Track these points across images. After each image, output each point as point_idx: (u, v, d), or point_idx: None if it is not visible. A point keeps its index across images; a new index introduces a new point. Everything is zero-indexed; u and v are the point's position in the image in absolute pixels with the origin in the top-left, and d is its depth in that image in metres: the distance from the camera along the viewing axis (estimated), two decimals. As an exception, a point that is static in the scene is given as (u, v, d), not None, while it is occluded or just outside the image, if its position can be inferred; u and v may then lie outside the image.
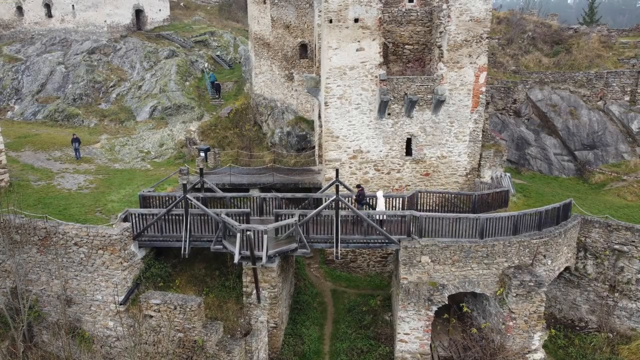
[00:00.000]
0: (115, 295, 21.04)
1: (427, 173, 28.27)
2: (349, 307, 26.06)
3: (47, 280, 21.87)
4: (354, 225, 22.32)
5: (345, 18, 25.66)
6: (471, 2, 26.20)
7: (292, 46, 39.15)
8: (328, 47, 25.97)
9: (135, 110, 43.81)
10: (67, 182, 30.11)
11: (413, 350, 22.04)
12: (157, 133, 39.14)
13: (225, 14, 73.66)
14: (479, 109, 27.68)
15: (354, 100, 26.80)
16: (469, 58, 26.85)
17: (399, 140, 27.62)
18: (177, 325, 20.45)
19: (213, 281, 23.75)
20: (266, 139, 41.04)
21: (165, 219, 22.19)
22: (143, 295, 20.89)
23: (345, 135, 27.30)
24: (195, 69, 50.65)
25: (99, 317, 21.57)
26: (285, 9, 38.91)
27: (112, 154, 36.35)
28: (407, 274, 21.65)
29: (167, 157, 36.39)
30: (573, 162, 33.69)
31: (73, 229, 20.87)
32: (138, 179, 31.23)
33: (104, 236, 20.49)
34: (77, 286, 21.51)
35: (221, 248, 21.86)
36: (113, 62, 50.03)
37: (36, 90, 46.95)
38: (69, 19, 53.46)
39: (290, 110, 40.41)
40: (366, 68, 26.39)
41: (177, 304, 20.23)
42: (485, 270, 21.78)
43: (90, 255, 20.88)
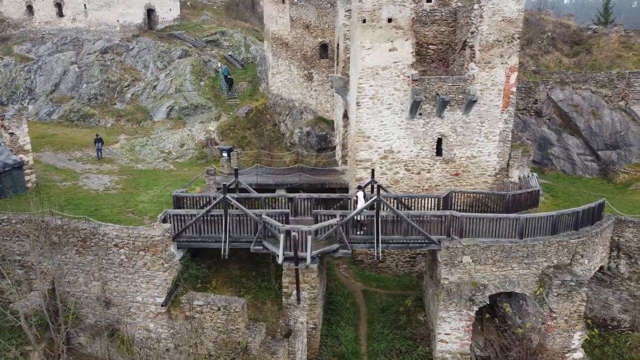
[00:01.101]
0: (156, 296, 20.89)
1: (457, 173, 28.27)
2: (382, 308, 26.02)
3: (86, 281, 21.71)
4: (393, 225, 22.27)
5: (378, 18, 25.61)
6: (503, 2, 26.21)
7: (312, 46, 39.08)
8: (361, 47, 25.91)
9: (152, 110, 43.61)
10: (93, 182, 29.92)
11: (453, 351, 22.04)
12: (176, 133, 38.96)
13: (233, 14, 73.46)
14: (509, 109, 27.71)
15: (385, 100, 26.77)
16: (500, 58, 26.87)
17: (429, 140, 27.61)
18: (220, 327, 20.37)
19: (249, 282, 23.66)
20: (285, 139, 40.96)
21: (204, 219, 22.06)
22: (185, 297, 20.82)
23: (376, 136, 27.26)
24: (209, 68, 50.48)
25: (139, 319, 21.42)
26: (305, 8, 38.83)
27: (132, 154, 36.15)
28: (448, 274, 21.63)
29: (189, 157, 36.25)
30: (596, 162, 33.81)
31: (114, 230, 20.72)
32: (163, 179, 31.08)
33: (146, 237, 20.35)
34: (116, 288, 21.36)
35: (261, 249, 21.77)
36: (126, 62, 49.79)
37: (50, 90, 46.70)
38: (80, 19, 53.14)
39: (309, 110, 40.34)
40: (398, 68, 26.36)
41: (221, 305, 20.17)
42: (526, 270, 21.80)
43: (131, 257, 20.74)
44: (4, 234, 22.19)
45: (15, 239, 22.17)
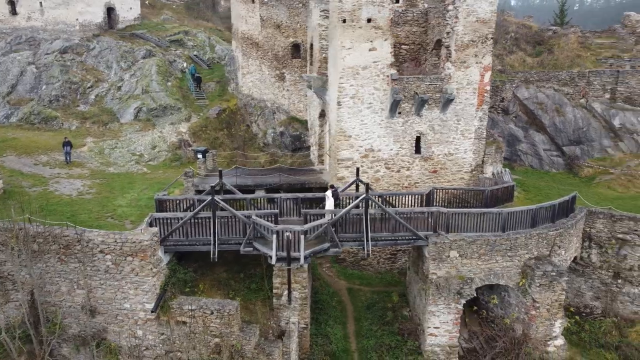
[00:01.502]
0: (145, 302, 20.36)
1: (435, 170, 28.92)
2: (368, 305, 26.33)
3: (69, 290, 20.89)
4: (381, 222, 22.57)
5: (358, 18, 25.88)
6: (477, 3, 27.03)
7: (284, 46, 38.99)
8: (341, 46, 26.11)
9: (118, 111, 42.36)
10: (65, 187, 28.83)
11: (442, 343, 22.57)
12: (146, 135, 38.02)
13: (194, 13, 72.28)
14: (483, 107, 28.60)
15: (366, 100, 27.08)
16: (475, 58, 27.68)
17: (408, 138, 28.12)
18: (213, 331, 20.08)
19: (238, 284, 23.41)
20: (258, 139, 40.70)
21: (191, 222, 21.69)
22: (176, 302, 20.42)
23: (357, 135, 27.53)
24: (174, 69, 49.49)
25: (126, 327, 20.81)
26: (276, 8, 38.69)
27: (102, 157, 35.02)
28: (436, 269, 22.13)
29: (162, 159, 35.47)
30: (561, 157, 35.33)
31: (99, 236, 20.05)
32: (138, 182, 30.31)
33: (134, 242, 19.79)
34: (102, 295, 20.67)
35: (251, 250, 21.61)
36: (87, 62, 48.12)
37: (6, 92, 44.54)
38: (36, 17, 50.95)
39: (282, 110, 40.23)
40: (378, 68, 26.71)
41: (214, 309, 19.90)
42: (509, 262, 22.59)
43: (119, 263, 20.12)
44: (-22, 243, 21.05)
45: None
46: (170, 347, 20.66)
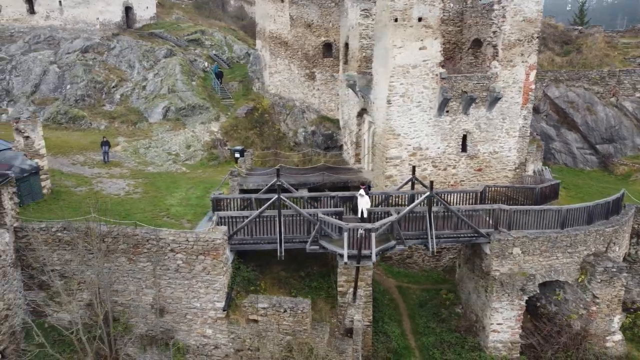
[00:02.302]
0: (216, 301, 20.33)
1: (480, 168, 29.15)
2: (420, 303, 26.46)
3: (137, 289, 20.80)
4: (443, 220, 22.72)
5: (409, 17, 26.01)
6: (524, 3, 27.28)
7: (315, 45, 39.05)
8: (392, 45, 26.23)
9: (145, 111, 42.12)
10: (110, 187, 28.65)
11: (505, 340, 22.76)
12: (179, 135, 37.86)
13: (205, 13, 72.01)
14: (528, 105, 28.87)
15: (415, 98, 27.22)
16: (521, 57, 27.94)
17: (455, 137, 28.32)
18: (285, 329, 20.11)
19: (298, 282, 23.42)
20: (287, 138, 40.68)
21: (256, 221, 21.68)
22: (248, 300, 20.44)
23: (406, 133, 27.66)
24: (196, 68, 49.32)
25: (196, 326, 20.75)
26: (306, 7, 38.75)
27: (138, 156, 34.84)
28: (499, 266, 22.32)
29: (198, 158, 35.36)
30: (595, 155, 35.76)
31: (170, 235, 19.99)
32: (182, 182, 30.19)
33: (206, 241, 19.75)
34: (171, 294, 20.60)
35: (317, 248, 21.65)
36: (109, 62, 47.80)
37: (30, 92, 44.12)
38: (55, 16, 50.50)
39: (312, 110, 40.28)
40: (428, 66, 26.88)
41: (287, 307, 19.94)
42: (568, 258, 22.84)
43: (189, 262, 20.07)
44: (43, 242, 20.88)
45: (55, 248, 20.93)
46: (240, 345, 20.64)
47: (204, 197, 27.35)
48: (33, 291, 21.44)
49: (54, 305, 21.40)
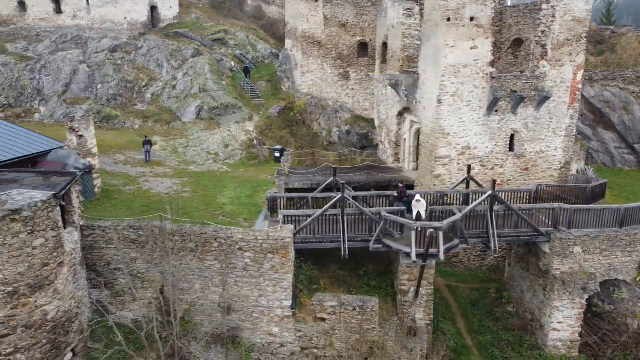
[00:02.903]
0: (283, 300, 20.38)
1: (527, 168, 29.22)
2: (471, 302, 26.53)
3: (202, 288, 20.85)
4: (503, 219, 22.78)
5: (462, 17, 26.08)
6: (574, 2, 27.36)
7: (349, 45, 39.11)
8: (444, 45, 26.30)
9: (178, 110, 42.15)
10: (157, 186, 28.67)
11: (564, 338, 22.83)
12: (215, 134, 37.90)
13: (224, 12, 72.05)
14: (575, 105, 28.93)
15: (465, 98, 27.30)
16: (569, 56, 28.02)
17: (503, 136, 28.40)
18: (354, 327, 20.18)
19: (357, 281, 23.51)
20: (321, 138, 40.72)
21: (319, 220, 21.75)
22: (315, 298, 20.52)
23: (455, 132, 27.73)
24: (223, 67, 49.34)
25: (262, 324, 20.80)
26: (341, 7, 38.80)
27: (178, 156, 34.88)
28: (560, 264, 22.38)
29: (238, 158, 35.41)
30: (633, 155, 35.79)
31: (239, 234, 20.04)
32: (227, 181, 30.22)
33: (276, 239, 19.80)
34: (237, 293, 20.64)
35: (381, 247, 21.73)
36: (137, 61, 47.79)
37: (62, 91, 44.13)
38: (82, 15, 50.57)
39: (346, 109, 40.34)
40: (478, 66, 26.94)
41: (356, 305, 20.01)
42: (627, 257, 22.92)
43: (258, 260, 20.11)
44: (109, 241, 20.95)
45: (121, 247, 20.98)
46: (306, 344, 20.69)
47: (253, 196, 27.40)
48: (97, 290, 21.49)
49: (118, 304, 21.51)
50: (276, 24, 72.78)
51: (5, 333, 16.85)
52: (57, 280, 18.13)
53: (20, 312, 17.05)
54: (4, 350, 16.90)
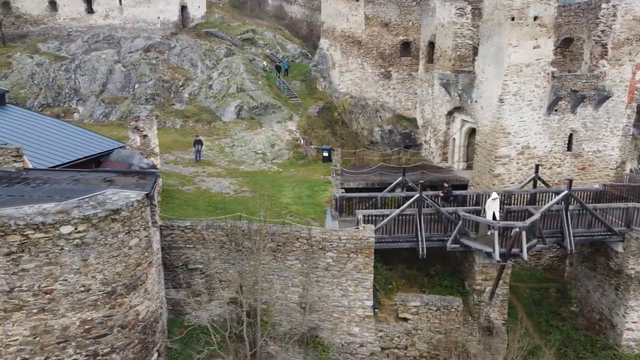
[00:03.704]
0: (365, 300, 20.33)
1: (584, 167, 29.20)
2: (533, 301, 26.50)
3: (282, 288, 20.81)
4: (577, 218, 22.74)
5: (526, 16, 26.05)
6: (635, 1, 27.31)
7: (392, 44, 39.09)
8: (508, 44, 26.28)
9: (217, 110, 42.11)
10: (214, 186, 28.60)
11: (639, 338, 22.77)
12: (259, 133, 37.85)
13: (246, 12, 72.10)
14: (632, 104, 28.89)
15: (526, 97, 27.29)
16: (629, 56, 28.01)
17: (562, 135, 28.40)
18: (436, 327, 20.14)
19: (428, 281, 23.48)
20: (361, 137, 40.67)
21: (395, 219, 21.72)
22: (398, 298, 20.51)
23: (515, 132, 27.73)
24: (256, 67, 49.29)
25: (342, 324, 20.75)
26: (384, 6, 38.78)
27: (226, 155, 34.84)
28: (635, 264, 22.37)
29: (285, 157, 35.35)
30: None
31: (321, 233, 20.00)
32: (282, 180, 30.17)
33: (359, 239, 19.76)
34: (318, 293, 20.60)
35: (458, 247, 21.69)
36: (170, 61, 47.75)
37: (99, 91, 44.10)
38: (114, 15, 50.47)
39: (387, 109, 40.31)
40: (540, 65, 26.93)
41: (440, 305, 19.97)
42: (700, 257, 22.85)
43: (340, 260, 20.07)
44: (187, 241, 20.92)
45: (199, 247, 20.95)
46: (387, 344, 20.66)
47: (313, 196, 27.36)
48: (174, 289, 21.47)
49: (194, 304, 21.47)
50: (298, 24, 72.94)
51: (103, 333, 16.78)
52: (147, 280, 18.10)
53: (117, 312, 16.99)
54: (101, 350, 16.86)
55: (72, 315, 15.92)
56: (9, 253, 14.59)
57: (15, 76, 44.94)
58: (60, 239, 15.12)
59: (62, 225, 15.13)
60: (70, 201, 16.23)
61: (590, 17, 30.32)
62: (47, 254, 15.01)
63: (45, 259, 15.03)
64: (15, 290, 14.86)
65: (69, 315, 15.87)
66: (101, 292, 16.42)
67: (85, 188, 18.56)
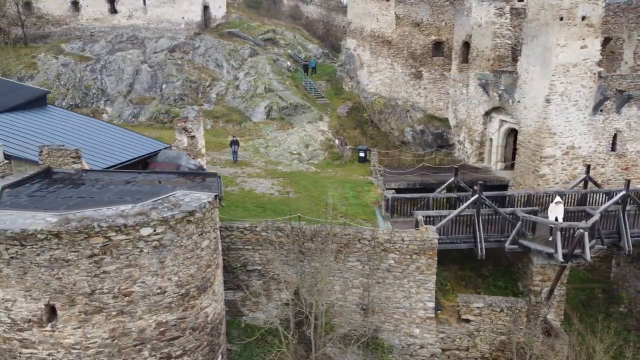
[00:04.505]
0: (426, 301, 20.25)
1: (627, 167, 29.13)
2: (581, 302, 26.42)
3: (342, 289, 20.73)
4: (634, 219, 22.66)
5: (574, 16, 25.98)
6: (681, 1, 27.24)
7: (423, 44, 39.01)
8: (556, 44, 26.22)
9: (246, 110, 42.03)
10: (257, 186, 28.52)
11: (694, 339, 22.72)
12: (291, 134, 37.77)
13: (263, 12, 72.00)
14: (676, 104, 28.82)
15: (572, 97, 27.22)
16: (674, 55, 27.91)
17: (606, 135, 28.35)
18: (500, 328, 20.05)
19: (482, 282, 23.39)
20: (391, 137, 40.57)
21: (453, 220, 21.64)
22: (460, 299, 20.44)
23: (561, 132, 27.66)
24: (280, 67, 49.21)
25: (403, 325, 20.66)
26: (415, 6, 38.69)
27: (261, 156, 34.75)
28: (694, 264, 22.28)
29: (321, 158, 35.29)
30: None
31: (384, 234, 19.92)
32: (323, 181, 30.07)
33: (423, 240, 19.68)
34: (379, 294, 20.52)
35: (516, 248, 21.61)
36: (195, 61, 47.67)
37: (126, 91, 44.01)
38: (138, 15, 50.37)
39: (417, 109, 40.21)
40: (587, 65, 26.86)
41: (504, 307, 19.90)
42: None
43: (402, 261, 19.99)
44: (246, 242, 20.83)
45: (258, 248, 20.87)
46: (448, 345, 20.58)
47: (358, 197, 27.29)
48: (231, 291, 21.38)
49: (251, 305, 21.41)
50: (315, 24, 72.75)
51: (176, 335, 16.70)
52: (215, 281, 18.03)
53: (189, 314, 16.90)
54: (174, 352, 16.77)
55: (148, 318, 15.83)
56: (92, 255, 14.49)
57: (42, 77, 44.84)
58: (140, 241, 15.04)
59: (142, 227, 15.04)
60: (145, 203, 16.14)
61: (631, 16, 30.26)
62: (128, 256, 14.94)
63: (126, 261, 14.95)
64: (96, 292, 14.77)
65: (145, 318, 15.79)
66: (176, 294, 16.33)
67: (151, 189, 18.53)
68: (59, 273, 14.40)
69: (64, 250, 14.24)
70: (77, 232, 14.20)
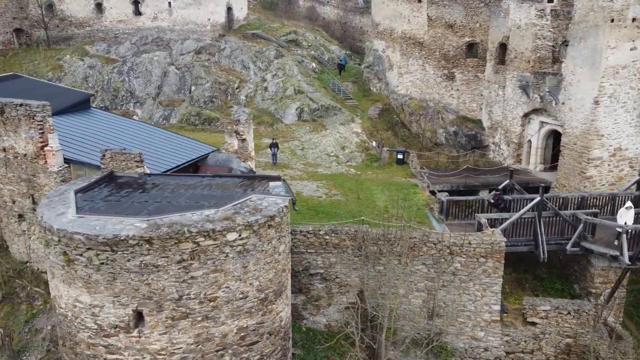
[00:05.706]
0: (492, 304, 20.20)
1: (673, 169, 29.07)
2: (631, 304, 26.28)
3: (406, 292, 20.67)
4: (693, 221, 22.64)
5: (625, 18, 25.96)
6: None
7: (456, 46, 38.97)
8: (607, 46, 26.18)
9: (277, 112, 41.98)
10: (302, 189, 28.45)
11: None
12: (326, 136, 37.73)
13: (279, 13, 71.97)
14: None
15: (621, 99, 27.19)
16: None
17: (653, 137, 28.29)
18: (566, 331, 20.02)
19: (539, 284, 23.39)
20: (424, 139, 40.51)
21: (516, 222, 21.62)
22: (526, 302, 20.34)
23: (609, 134, 27.63)
24: (306, 68, 49.18)
25: (467, 329, 20.62)
26: (448, 7, 38.66)
27: (299, 158, 34.70)
28: None
29: (359, 160, 35.23)
30: None
31: (451, 238, 19.88)
32: (367, 183, 30.04)
33: (490, 243, 19.62)
34: (443, 297, 20.47)
35: (578, 250, 21.59)
36: (221, 63, 47.62)
37: (155, 93, 43.96)
38: (163, 17, 50.28)
39: (450, 110, 40.19)
40: (636, 67, 26.83)
41: (572, 309, 19.83)
42: None
43: (468, 264, 19.94)
44: (309, 246, 20.78)
45: (321, 251, 20.82)
46: (513, 348, 20.53)
47: (406, 199, 27.18)
48: (292, 294, 21.30)
49: (312, 309, 21.37)
50: (332, 25, 72.66)
51: (255, 340, 16.63)
52: (287, 286, 17.98)
53: (267, 318, 16.84)
54: (252, 357, 16.71)
55: (230, 323, 15.80)
56: (181, 260, 14.45)
57: (69, 78, 44.80)
58: (226, 246, 15.00)
59: (229, 232, 14.98)
60: (226, 207, 16.09)
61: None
62: (214, 261, 14.89)
63: (212, 267, 14.91)
64: (183, 298, 14.72)
65: (228, 323, 15.75)
66: (256, 298, 16.28)
67: (223, 193, 18.46)
68: (149, 279, 14.35)
69: (155, 256, 14.19)
70: (168, 237, 14.15)
